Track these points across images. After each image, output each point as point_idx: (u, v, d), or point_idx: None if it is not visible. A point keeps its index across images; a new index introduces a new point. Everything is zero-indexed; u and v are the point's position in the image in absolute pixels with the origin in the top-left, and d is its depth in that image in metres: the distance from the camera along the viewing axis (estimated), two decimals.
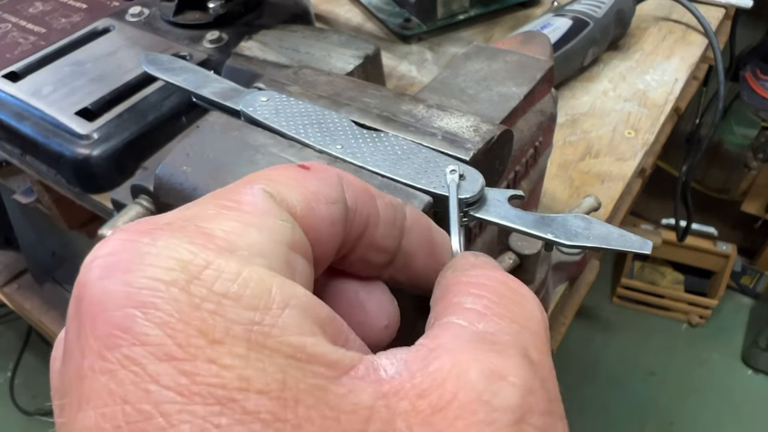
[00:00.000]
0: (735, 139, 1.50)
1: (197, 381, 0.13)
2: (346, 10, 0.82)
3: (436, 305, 0.19)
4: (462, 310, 0.17)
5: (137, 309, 0.14)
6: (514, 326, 0.17)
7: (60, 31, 0.60)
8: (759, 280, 1.76)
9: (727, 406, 1.55)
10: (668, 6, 0.78)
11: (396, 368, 0.15)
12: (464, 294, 0.18)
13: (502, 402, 0.15)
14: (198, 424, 0.13)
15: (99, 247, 0.15)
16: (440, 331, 0.17)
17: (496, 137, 0.31)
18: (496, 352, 0.16)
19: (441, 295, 0.19)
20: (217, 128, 0.33)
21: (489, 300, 0.18)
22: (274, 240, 0.16)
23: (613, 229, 0.25)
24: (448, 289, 0.19)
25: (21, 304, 1.07)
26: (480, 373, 0.15)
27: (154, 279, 0.14)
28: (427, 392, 0.15)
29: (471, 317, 0.17)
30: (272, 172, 0.18)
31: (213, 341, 0.14)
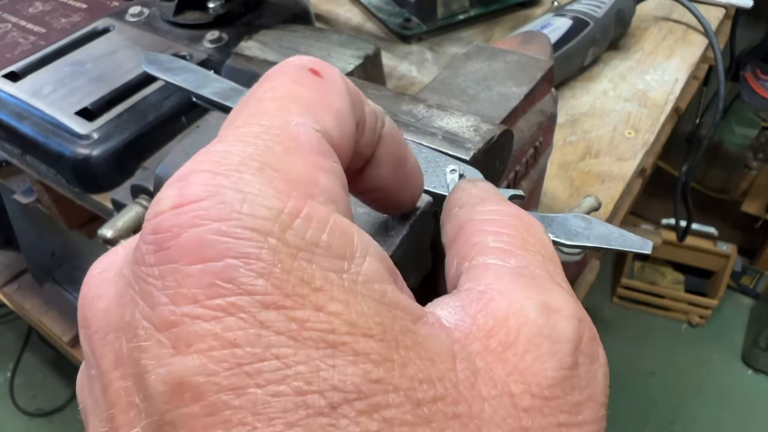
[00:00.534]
0: (735, 139, 1.50)
1: (307, 327, 0.14)
2: (346, 10, 0.82)
3: (453, 244, 0.20)
4: (489, 249, 0.18)
5: (238, 260, 0.14)
6: (538, 257, 0.18)
7: (60, 31, 0.60)
8: (759, 280, 1.75)
9: (727, 406, 1.55)
10: (668, 6, 0.78)
11: (455, 316, 0.16)
12: (483, 232, 0.19)
13: (560, 334, 0.16)
14: (313, 365, 0.13)
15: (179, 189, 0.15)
16: (479, 273, 0.18)
17: (496, 137, 0.31)
18: (540, 287, 0.17)
19: (455, 234, 0.20)
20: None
21: (508, 235, 0.19)
22: (337, 184, 0.16)
23: (614, 229, 0.25)
24: (462, 227, 0.20)
25: (21, 304, 1.07)
26: (536, 309, 0.16)
27: (251, 229, 0.14)
28: (493, 332, 0.16)
29: (501, 255, 0.18)
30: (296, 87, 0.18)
31: (315, 289, 0.14)
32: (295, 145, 0.16)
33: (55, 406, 1.47)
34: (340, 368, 0.13)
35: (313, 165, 0.16)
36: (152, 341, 0.14)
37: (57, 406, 1.47)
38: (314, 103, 0.17)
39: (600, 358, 0.17)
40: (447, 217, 0.21)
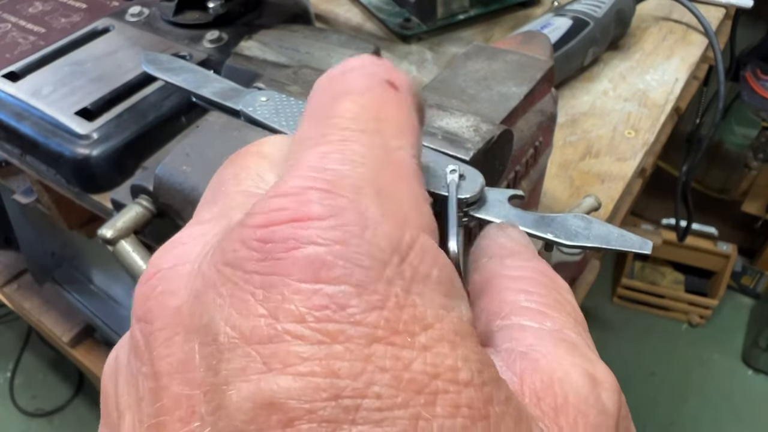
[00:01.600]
0: (735, 139, 1.50)
1: (413, 368, 0.13)
2: (346, 9, 0.82)
3: (481, 298, 0.19)
4: (522, 309, 0.18)
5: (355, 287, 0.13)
6: (570, 320, 0.18)
7: (60, 31, 0.60)
8: (759, 280, 1.75)
9: (727, 406, 1.55)
10: (668, 6, 0.78)
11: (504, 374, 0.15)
12: (513, 291, 0.18)
13: (606, 407, 0.16)
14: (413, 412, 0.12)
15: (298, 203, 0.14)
16: (517, 333, 0.17)
17: (496, 137, 0.31)
18: (582, 356, 0.17)
19: (483, 287, 0.19)
20: (216, 128, 0.33)
21: (539, 295, 0.18)
22: (430, 214, 0.16)
23: (613, 229, 0.25)
24: (490, 281, 0.19)
25: (21, 304, 1.07)
26: (582, 378, 0.16)
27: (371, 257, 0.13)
28: (542, 394, 0.15)
29: (535, 317, 0.17)
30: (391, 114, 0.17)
31: (425, 327, 0.13)
32: (403, 171, 0.16)
33: (55, 406, 1.47)
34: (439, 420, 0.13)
35: (420, 195, 0.16)
36: (238, 352, 0.13)
37: (57, 406, 1.47)
38: (404, 126, 0.17)
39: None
40: (474, 267, 0.20)
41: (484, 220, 0.27)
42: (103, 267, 0.97)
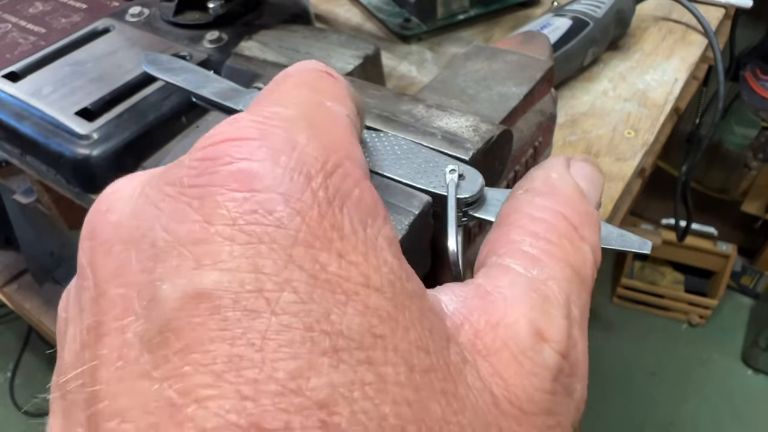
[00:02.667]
0: (735, 139, 1.50)
1: (328, 270, 0.14)
2: (346, 10, 0.82)
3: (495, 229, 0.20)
4: (519, 253, 0.18)
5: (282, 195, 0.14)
6: (568, 271, 0.18)
7: (60, 31, 0.60)
8: (759, 280, 1.76)
9: (727, 406, 1.55)
10: (668, 6, 0.78)
11: (455, 305, 0.17)
12: (522, 231, 0.19)
13: (543, 362, 0.16)
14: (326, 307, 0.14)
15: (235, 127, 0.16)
16: (497, 273, 0.18)
17: (495, 137, 0.31)
18: (544, 311, 0.17)
19: (502, 219, 0.20)
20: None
21: (546, 242, 0.19)
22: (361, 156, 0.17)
23: (613, 228, 0.25)
24: (510, 216, 0.20)
25: (21, 304, 1.07)
26: (528, 331, 0.17)
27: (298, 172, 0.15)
28: (482, 333, 0.16)
29: (527, 263, 0.18)
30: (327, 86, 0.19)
31: (341, 237, 0.15)
32: (334, 120, 0.18)
33: None
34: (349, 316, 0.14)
35: (350, 140, 0.17)
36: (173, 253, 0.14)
37: None
38: (339, 96, 0.19)
39: (575, 394, 0.17)
40: (511, 195, 0.21)
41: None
42: None
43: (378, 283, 0.15)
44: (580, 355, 0.18)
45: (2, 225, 0.98)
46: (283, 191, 0.15)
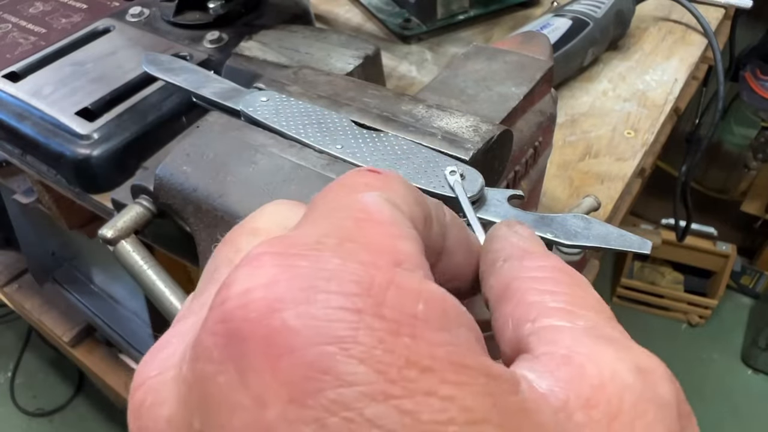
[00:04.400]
0: (735, 139, 1.50)
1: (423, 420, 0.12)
2: (346, 10, 0.82)
3: (503, 303, 0.18)
4: (551, 310, 0.17)
5: (333, 345, 0.12)
6: (601, 316, 0.17)
7: (60, 31, 0.60)
8: (759, 280, 1.76)
9: (727, 406, 1.55)
10: (668, 6, 0.78)
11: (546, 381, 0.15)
12: (537, 292, 0.17)
13: (663, 398, 0.15)
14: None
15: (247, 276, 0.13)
16: (552, 335, 0.16)
17: (495, 137, 0.31)
18: (624, 348, 0.16)
19: (503, 292, 0.18)
20: (217, 128, 0.33)
21: (564, 294, 0.17)
22: (417, 250, 0.15)
23: (613, 228, 0.25)
24: (509, 285, 0.18)
25: (21, 304, 1.07)
26: (632, 373, 0.15)
27: (341, 308, 0.12)
28: (594, 401, 0.14)
29: (566, 316, 0.16)
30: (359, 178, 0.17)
31: (424, 369, 0.12)
32: (366, 216, 0.15)
33: (55, 406, 1.47)
34: None
35: (390, 233, 0.15)
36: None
37: (57, 406, 1.47)
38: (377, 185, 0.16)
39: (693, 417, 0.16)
40: (489, 271, 0.19)
41: (483, 219, 0.27)
42: (103, 267, 0.97)
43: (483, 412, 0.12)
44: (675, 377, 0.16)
45: (2, 225, 0.98)
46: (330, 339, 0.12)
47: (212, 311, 0.13)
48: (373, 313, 0.12)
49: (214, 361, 0.13)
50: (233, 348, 0.12)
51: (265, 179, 0.30)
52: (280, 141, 0.31)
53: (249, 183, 0.30)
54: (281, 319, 0.12)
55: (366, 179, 0.17)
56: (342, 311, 0.12)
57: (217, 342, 0.13)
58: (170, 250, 0.41)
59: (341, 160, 0.30)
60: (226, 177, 0.30)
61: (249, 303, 0.13)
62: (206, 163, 0.31)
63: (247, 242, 0.18)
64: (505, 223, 0.21)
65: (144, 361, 0.16)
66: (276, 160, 0.30)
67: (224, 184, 0.30)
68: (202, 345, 0.13)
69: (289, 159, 0.30)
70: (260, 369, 0.12)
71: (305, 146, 0.31)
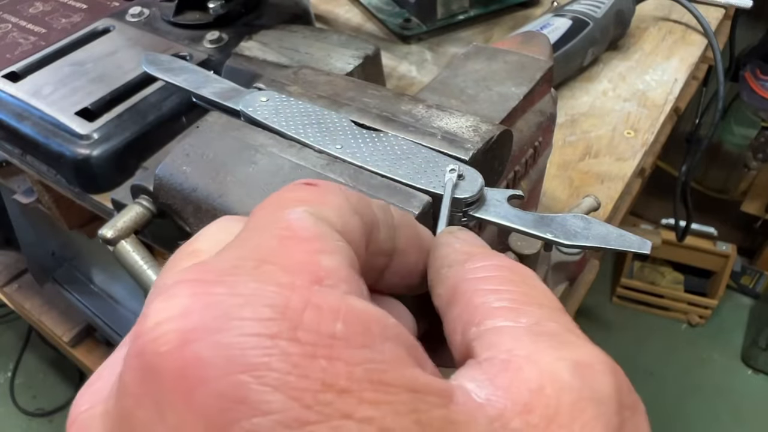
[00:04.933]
0: (735, 139, 1.50)
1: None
2: (346, 10, 0.82)
3: (451, 308, 0.18)
4: (494, 310, 0.17)
5: (247, 374, 0.12)
6: (546, 310, 0.17)
7: (60, 31, 0.60)
8: (759, 280, 1.76)
9: (727, 406, 1.55)
10: (668, 6, 0.78)
11: (485, 390, 0.14)
12: (481, 293, 0.17)
13: (602, 393, 0.15)
14: None
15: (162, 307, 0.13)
16: (494, 338, 0.16)
17: (495, 137, 0.31)
18: (564, 344, 0.15)
19: (450, 298, 0.18)
20: (217, 128, 0.33)
21: (508, 292, 0.17)
22: (344, 263, 0.15)
23: (613, 228, 0.25)
24: (456, 289, 0.18)
25: (21, 304, 1.07)
26: (569, 370, 0.15)
27: (255, 335, 0.12)
28: (531, 405, 0.14)
29: (509, 315, 0.16)
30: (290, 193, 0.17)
31: (340, 392, 0.12)
32: (289, 232, 0.15)
33: (55, 406, 1.47)
34: None
35: (313, 249, 0.15)
36: None
37: (57, 406, 1.47)
38: (308, 199, 0.16)
39: (640, 405, 0.16)
40: (436, 279, 0.19)
41: (483, 220, 0.27)
42: (103, 267, 0.97)
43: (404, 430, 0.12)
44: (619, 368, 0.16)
45: (2, 225, 0.98)
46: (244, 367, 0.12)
47: (130, 345, 0.13)
48: (288, 337, 0.12)
49: (133, 395, 0.12)
50: (149, 382, 0.12)
51: (265, 179, 0.30)
52: (280, 141, 0.31)
53: (249, 183, 0.30)
54: (193, 350, 0.12)
55: (297, 194, 0.17)
56: (255, 338, 0.12)
57: (134, 377, 0.13)
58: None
59: (341, 160, 0.30)
60: (226, 177, 0.30)
61: (161, 336, 0.12)
62: (206, 163, 0.31)
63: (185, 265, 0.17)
64: (447, 231, 0.21)
65: (79, 394, 0.15)
66: (276, 160, 0.30)
67: (224, 184, 0.30)
68: (122, 380, 0.13)
69: (288, 159, 0.30)
70: (175, 402, 0.12)
71: (305, 146, 0.31)
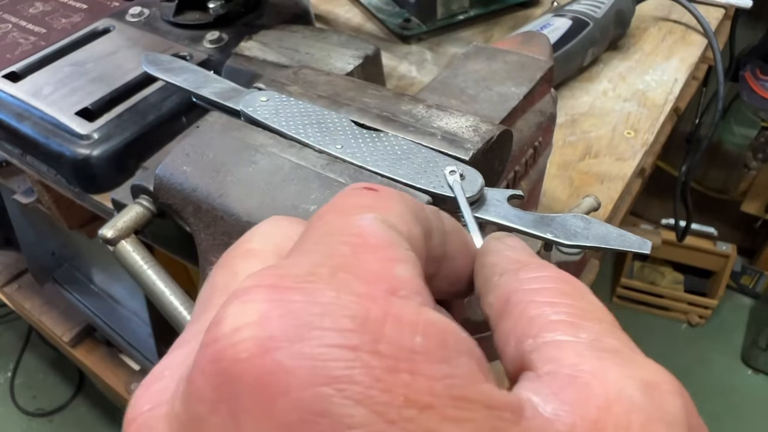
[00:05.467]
0: (735, 139, 1.50)
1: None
2: (346, 10, 0.82)
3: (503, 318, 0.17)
4: (553, 324, 0.16)
5: (329, 386, 0.12)
6: (604, 325, 0.16)
7: (60, 31, 0.60)
8: (759, 280, 1.76)
9: (727, 406, 1.55)
10: (668, 6, 0.78)
11: (551, 405, 0.14)
12: (537, 304, 0.17)
13: (672, 414, 0.14)
14: None
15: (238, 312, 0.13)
16: (555, 352, 0.15)
17: (495, 137, 0.31)
18: (629, 362, 0.15)
19: (503, 307, 0.18)
20: (217, 128, 0.33)
21: (565, 305, 0.16)
22: (416, 273, 0.15)
23: (613, 228, 0.25)
24: (509, 299, 0.17)
25: (21, 304, 1.07)
26: (639, 390, 0.14)
27: (336, 346, 0.12)
28: (601, 423, 0.14)
29: (569, 329, 0.16)
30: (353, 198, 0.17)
31: (423, 408, 0.12)
32: (361, 240, 0.15)
33: (55, 406, 1.47)
34: None
35: (386, 257, 0.14)
36: None
37: (57, 406, 1.47)
38: (372, 205, 0.16)
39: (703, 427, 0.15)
40: (487, 287, 0.19)
41: (483, 220, 0.27)
42: (103, 267, 0.97)
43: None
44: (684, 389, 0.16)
45: (2, 225, 0.98)
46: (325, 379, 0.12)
47: (203, 349, 0.13)
48: (369, 350, 0.12)
49: (207, 401, 0.12)
50: (225, 389, 0.12)
51: (265, 179, 0.30)
52: (280, 141, 0.31)
53: (249, 183, 0.30)
54: (274, 359, 0.12)
55: (361, 200, 0.16)
56: (337, 349, 0.12)
57: (209, 382, 0.12)
58: (170, 250, 0.41)
59: (341, 160, 0.30)
60: (226, 177, 0.30)
61: (240, 342, 0.12)
62: (206, 163, 0.31)
63: (242, 265, 0.17)
64: (495, 237, 0.21)
65: (137, 394, 0.15)
66: (276, 160, 0.30)
67: (224, 184, 0.30)
68: (194, 384, 0.13)
69: (288, 159, 0.30)
70: (254, 411, 0.12)
71: (305, 146, 0.31)
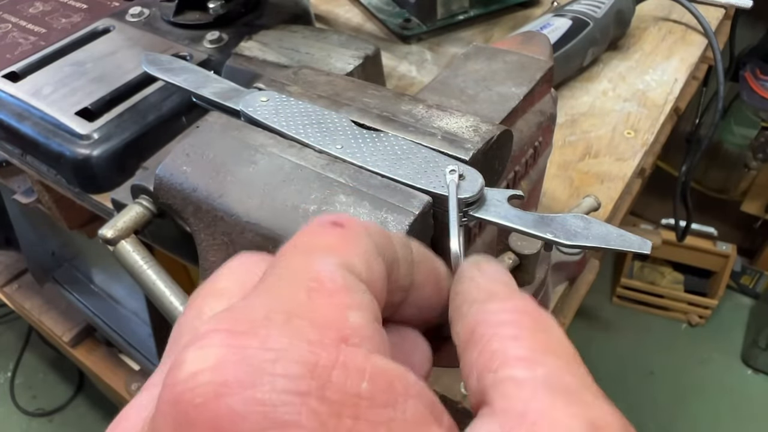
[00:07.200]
0: (735, 139, 1.50)
1: None
2: (346, 10, 0.82)
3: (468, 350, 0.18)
4: (512, 359, 0.17)
5: (277, 430, 0.12)
6: (561, 361, 0.17)
7: (60, 31, 0.60)
8: (759, 280, 1.76)
9: (726, 406, 1.55)
10: (668, 6, 0.78)
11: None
12: (500, 338, 0.17)
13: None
14: None
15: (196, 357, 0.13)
16: (510, 389, 0.16)
17: (495, 137, 0.31)
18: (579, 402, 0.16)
19: (468, 338, 0.18)
20: (217, 128, 0.33)
21: (527, 340, 0.17)
22: (369, 318, 0.15)
23: (613, 228, 0.25)
24: (474, 330, 0.18)
25: (21, 304, 1.07)
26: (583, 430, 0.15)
27: (286, 392, 0.13)
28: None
29: (527, 365, 0.16)
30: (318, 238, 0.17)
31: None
32: (318, 285, 0.15)
33: (55, 406, 1.47)
34: None
35: (340, 304, 0.15)
36: None
37: (57, 406, 1.47)
38: (336, 246, 0.17)
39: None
40: (456, 315, 0.19)
41: (483, 220, 0.27)
42: (103, 267, 0.97)
43: None
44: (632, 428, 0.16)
45: (2, 225, 0.98)
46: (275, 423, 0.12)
47: (164, 391, 0.13)
48: (317, 396, 0.13)
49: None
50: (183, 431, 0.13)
51: (265, 179, 0.30)
52: (280, 141, 0.31)
53: (249, 183, 0.30)
54: (227, 404, 0.13)
55: (325, 239, 0.17)
56: (286, 395, 0.13)
57: (169, 424, 0.13)
58: (170, 250, 0.41)
59: (341, 160, 0.30)
60: (226, 177, 0.30)
61: (196, 387, 0.13)
62: (206, 163, 0.31)
63: (208, 305, 0.18)
64: (473, 262, 0.21)
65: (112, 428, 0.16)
66: (276, 160, 0.30)
67: (224, 184, 0.30)
68: (155, 424, 0.13)
69: (288, 159, 0.30)
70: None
71: (305, 146, 0.31)
